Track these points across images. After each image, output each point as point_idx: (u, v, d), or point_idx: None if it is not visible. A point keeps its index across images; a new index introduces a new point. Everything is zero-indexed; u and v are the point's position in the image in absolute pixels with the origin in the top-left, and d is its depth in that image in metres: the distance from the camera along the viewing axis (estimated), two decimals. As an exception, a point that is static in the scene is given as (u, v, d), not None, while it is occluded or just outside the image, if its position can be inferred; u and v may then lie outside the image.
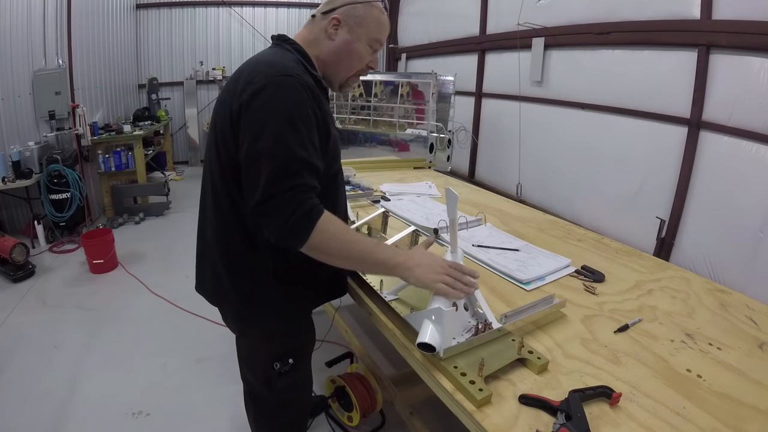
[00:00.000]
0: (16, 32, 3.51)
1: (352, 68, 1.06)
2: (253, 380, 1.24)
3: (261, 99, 0.89)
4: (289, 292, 1.08)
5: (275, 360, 1.15)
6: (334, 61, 1.05)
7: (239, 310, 1.11)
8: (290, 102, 0.89)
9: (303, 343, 1.25)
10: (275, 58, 0.97)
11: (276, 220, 0.87)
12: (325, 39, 1.03)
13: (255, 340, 1.19)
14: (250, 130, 0.90)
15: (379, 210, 1.60)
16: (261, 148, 0.88)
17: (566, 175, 3.91)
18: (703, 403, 0.84)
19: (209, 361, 2.22)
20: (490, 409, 0.80)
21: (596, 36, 3.45)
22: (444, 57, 5.87)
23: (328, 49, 1.03)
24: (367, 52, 1.05)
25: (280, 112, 0.88)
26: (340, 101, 5.04)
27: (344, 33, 1.02)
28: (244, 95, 0.91)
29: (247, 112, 0.90)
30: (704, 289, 1.33)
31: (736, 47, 2.57)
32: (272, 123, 0.88)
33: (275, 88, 0.89)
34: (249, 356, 1.23)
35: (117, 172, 4.45)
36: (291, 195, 0.86)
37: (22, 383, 2.03)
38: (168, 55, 6.41)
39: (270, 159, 0.87)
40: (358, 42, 1.03)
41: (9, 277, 2.98)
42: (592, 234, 1.78)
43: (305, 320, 1.23)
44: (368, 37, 1.03)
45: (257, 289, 1.06)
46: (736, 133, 2.60)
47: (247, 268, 1.05)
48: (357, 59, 1.05)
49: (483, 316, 1.00)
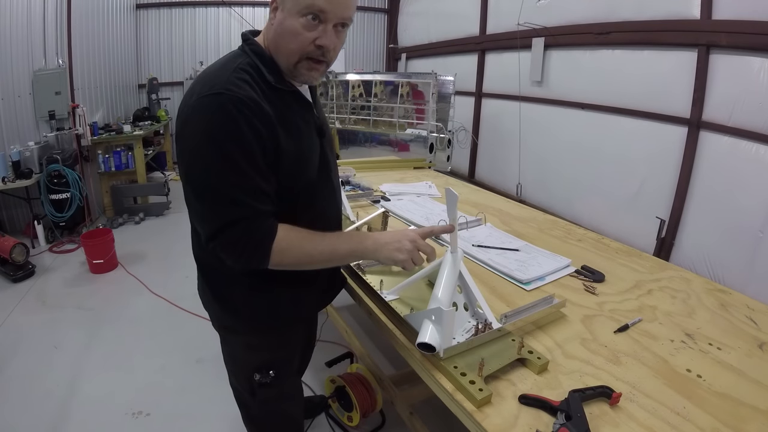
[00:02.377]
0: (16, 32, 3.51)
1: (292, 50, 0.88)
2: (237, 386, 1.22)
3: (188, 128, 0.84)
4: (268, 303, 1.05)
5: (254, 371, 1.12)
6: (274, 48, 0.91)
7: (220, 316, 1.10)
8: (217, 125, 0.81)
9: (286, 357, 1.19)
10: (213, 70, 0.89)
11: (230, 254, 0.86)
12: (268, 27, 0.92)
13: (235, 347, 1.17)
14: (181, 165, 0.86)
15: (379, 210, 1.60)
16: (196, 185, 0.84)
17: (566, 175, 3.91)
18: (703, 403, 0.84)
19: (209, 361, 2.22)
20: (490, 409, 0.80)
21: (596, 36, 3.45)
22: (444, 57, 5.87)
23: (270, 36, 0.91)
24: (302, 25, 0.85)
25: (207, 141, 0.81)
26: (341, 101, 5.04)
27: (279, 13, 0.88)
28: (178, 121, 0.86)
29: (178, 143, 0.87)
30: (704, 289, 1.33)
31: (736, 47, 2.57)
32: (201, 155, 0.82)
33: (201, 112, 0.82)
34: (231, 362, 1.21)
35: (117, 172, 4.45)
36: (239, 229, 0.84)
37: (22, 383, 2.03)
38: (168, 55, 6.40)
39: (206, 195, 0.84)
40: (290, 17, 0.85)
41: (9, 277, 2.98)
42: (592, 234, 1.78)
43: (288, 333, 1.16)
44: (298, 7, 0.84)
45: (235, 299, 1.04)
46: (736, 133, 2.60)
47: (224, 279, 1.03)
48: (293, 38, 0.86)
49: (483, 316, 1.00)
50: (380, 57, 7.65)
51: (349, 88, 4.97)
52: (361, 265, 1.30)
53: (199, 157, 0.83)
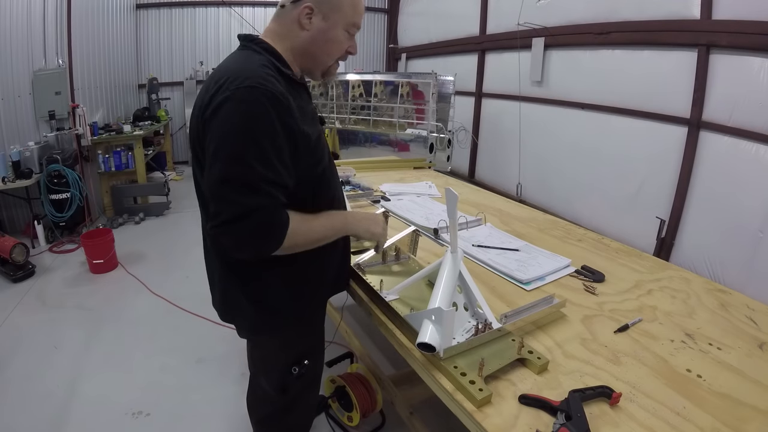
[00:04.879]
0: (16, 32, 3.51)
1: (332, 56, 1.02)
2: (267, 386, 1.21)
3: (220, 117, 0.85)
4: (299, 293, 1.08)
5: (293, 364, 1.15)
6: (311, 52, 0.99)
7: (253, 321, 1.10)
8: (251, 117, 0.84)
9: (317, 341, 1.26)
10: (240, 65, 0.92)
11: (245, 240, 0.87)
12: (299, 30, 0.96)
13: (271, 348, 1.17)
14: (210, 151, 0.87)
15: (379, 210, 1.60)
16: (222, 171, 0.85)
17: (566, 175, 3.91)
18: (703, 403, 0.84)
19: (209, 361, 2.22)
20: (490, 409, 0.80)
21: (596, 36, 3.45)
22: (444, 57, 5.87)
23: (303, 39, 0.97)
24: (345, 37, 0.99)
25: (240, 130, 0.84)
26: (341, 101, 5.05)
27: (319, 21, 0.95)
28: (207, 111, 0.87)
29: (209, 131, 0.87)
30: (704, 289, 1.33)
31: (736, 47, 2.57)
32: (231, 143, 0.84)
33: (237, 104, 0.84)
34: (264, 364, 1.22)
35: (117, 172, 4.45)
36: (260, 215, 0.85)
37: (22, 383, 2.03)
38: (168, 55, 6.41)
39: (232, 181, 0.84)
40: (335, 29, 0.97)
41: (9, 277, 2.98)
42: (592, 234, 1.78)
43: (315, 318, 1.22)
44: (345, 22, 0.97)
45: (270, 299, 1.05)
46: (736, 133, 2.60)
47: (253, 276, 1.03)
48: (335, 47, 1.00)
49: (483, 316, 1.00)
50: (380, 57, 7.65)
51: (349, 88, 4.97)
52: (362, 266, 1.30)
53: (229, 144, 0.85)
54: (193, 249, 1.18)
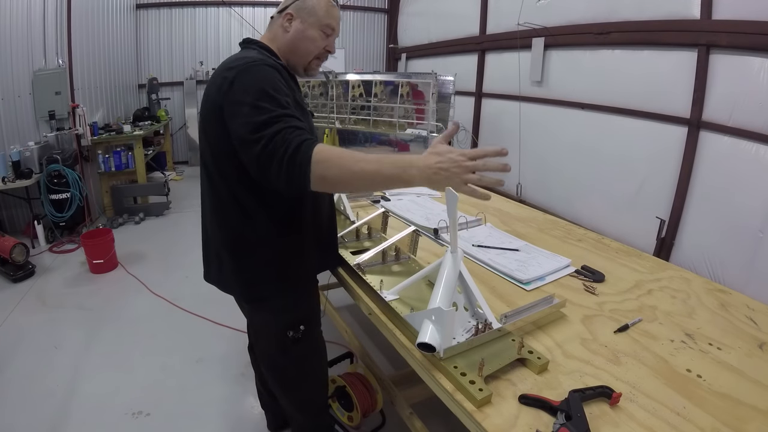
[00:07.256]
0: (16, 32, 3.52)
1: (310, 52, 1.19)
2: (270, 350, 1.32)
3: (236, 85, 1.00)
4: (290, 262, 1.18)
5: (288, 329, 1.25)
6: (291, 49, 1.18)
7: (246, 290, 1.20)
8: (261, 78, 1.00)
9: (311, 309, 1.33)
10: (243, 55, 1.10)
11: (274, 166, 0.92)
12: (283, 33, 1.17)
13: (265, 314, 1.27)
14: (233, 112, 0.99)
15: (379, 210, 1.60)
16: (245, 121, 0.96)
17: (566, 175, 3.91)
18: (703, 403, 0.84)
19: (209, 361, 2.22)
20: (490, 409, 0.80)
21: (596, 36, 3.45)
22: (444, 57, 5.87)
23: (287, 39, 1.17)
24: (320, 36, 1.17)
25: (254, 88, 0.98)
26: (341, 101, 5.04)
27: (297, 24, 1.15)
28: (223, 87, 1.01)
29: (228, 101, 1.00)
30: (704, 289, 1.33)
31: (736, 47, 2.57)
32: (249, 98, 0.97)
33: (245, 72, 1.00)
34: (262, 329, 1.33)
35: (117, 172, 4.45)
36: (280, 138, 0.92)
37: (22, 383, 2.03)
38: (168, 55, 6.40)
39: (253, 123, 0.95)
40: (311, 29, 1.16)
41: (9, 277, 2.98)
42: (592, 234, 1.77)
43: (310, 287, 1.31)
44: (319, 24, 1.16)
45: (260, 265, 1.16)
46: (736, 133, 2.60)
47: (246, 244, 1.14)
48: (311, 44, 1.17)
49: (483, 316, 1.00)
50: (380, 57, 7.65)
51: (349, 88, 4.96)
52: (362, 266, 1.30)
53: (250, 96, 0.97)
54: (193, 249, 1.18)
